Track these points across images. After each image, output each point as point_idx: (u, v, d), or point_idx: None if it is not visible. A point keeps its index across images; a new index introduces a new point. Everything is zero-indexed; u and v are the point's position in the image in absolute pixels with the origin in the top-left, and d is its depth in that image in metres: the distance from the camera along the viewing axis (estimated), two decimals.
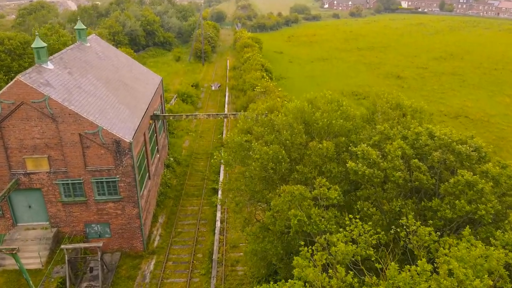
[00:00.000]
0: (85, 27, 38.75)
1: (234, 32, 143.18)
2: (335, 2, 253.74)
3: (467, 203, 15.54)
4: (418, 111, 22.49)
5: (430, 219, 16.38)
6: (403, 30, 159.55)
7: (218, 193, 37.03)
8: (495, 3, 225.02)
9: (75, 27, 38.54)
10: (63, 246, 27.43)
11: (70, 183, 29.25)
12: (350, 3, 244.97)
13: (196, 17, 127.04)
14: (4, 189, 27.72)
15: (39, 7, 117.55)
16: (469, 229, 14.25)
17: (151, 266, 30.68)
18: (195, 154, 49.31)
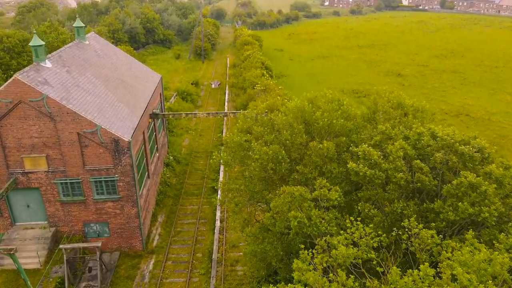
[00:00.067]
0: (84, 25, 38.46)
1: (234, 30, 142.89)
2: (336, 0, 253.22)
3: (470, 205, 15.28)
4: (420, 111, 22.24)
5: (432, 221, 16.14)
6: (404, 28, 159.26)
7: (218, 194, 36.75)
8: (496, 1, 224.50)
9: (74, 25, 38.26)
10: (62, 246, 27.24)
11: (69, 182, 29.05)
12: (351, 1, 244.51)
13: (196, 15, 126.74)
14: (2, 189, 27.49)
15: (39, 5, 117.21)
16: (472, 232, 14.01)
17: (150, 266, 30.50)
18: (195, 153, 49.08)
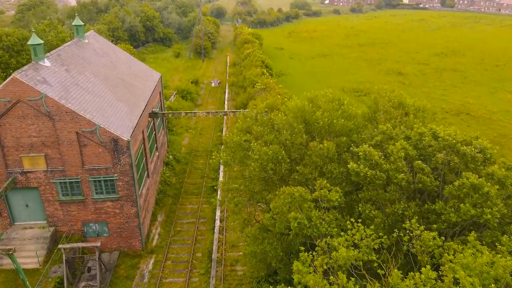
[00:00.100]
0: (83, 24, 38.27)
1: (234, 28, 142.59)
2: None
3: (472, 207, 15.11)
4: (421, 110, 22.06)
5: (434, 223, 15.97)
6: (404, 26, 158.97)
7: (218, 194, 36.52)
8: None
9: (73, 24, 38.05)
10: (61, 246, 27.11)
11: (68, 182, 28.91)
12: None
13: (196, 13, 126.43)
14: (1, 188, 27.38)
15: (39, 3, 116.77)
16: (475, 234, 13.84)
17: (150, 266, 30.37)
18: (195, 152, 48.91)
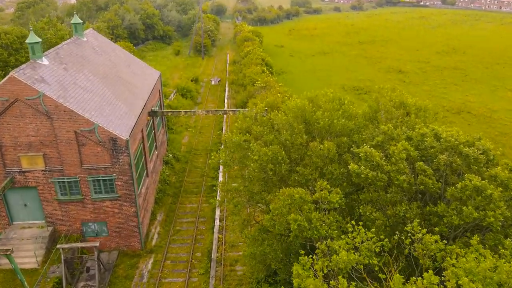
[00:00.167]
0: (82, 21, 37.99)
1: (235, 26, 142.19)
2: None
3: (475, 209, 14.88)
4: (423, 110, 21.83)
5: (436, 225, 15.75)
6: (405, 24, 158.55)
7: (217, 194, 36.24)
8: None
9: (72, 22, 37.75)
10: (59, 246, 26.94)
11: (66, 181, 28.73)
12: None
13: (196, 11, 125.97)
14: None
15: (38, 1, 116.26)
16: (478, 238, 13.62)
17: (149, 265, 30.23)
18: (194, 151, 48.73)
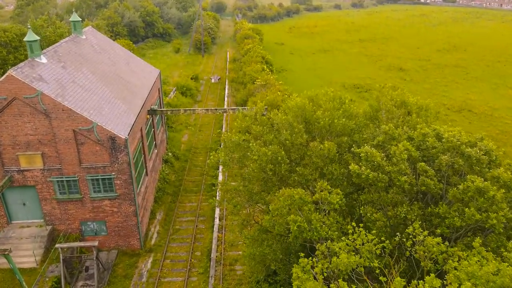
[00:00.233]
0: (80, 19, 37.74)
1: (235, 23, 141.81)
2: None
3: (477, 211, 14.67)
4: (424, 109, 21.60)
5: (437, 226, 15.55)
6: (406, 22, 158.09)
7: (217, 195, 35.97)
8: None
9: (70, 19, 37.51)
10: (58, 245, 26.79)
11: (65, 180, 28.58)
12: None
13: (196, 8, 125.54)
14: None
15: None
16: (480, 240, 13.42)
17: (148, 265, 30.10)
18: (194, 149, 48.54)
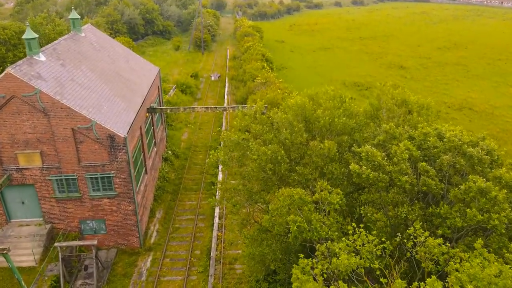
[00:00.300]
0: (79, 17, 37.54)
1: (235, 21, 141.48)
2: None
3: (479, 211, 14.51)
4: (425, 108, 21.43)
5: (438, 226, 15.40)
6: (406, 19, 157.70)
7: (217, 195, 35.77)
8: None
9: (69, 17, 37.31)
10: (57, 244, 26.68)
11: (64, 179, 28.45)
12: None
13: (196, 5, 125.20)
14: None
15: None
16: (482, 241, 13.27)
17: (148, 263, 30.02)
18: (194, 147, 48.40)
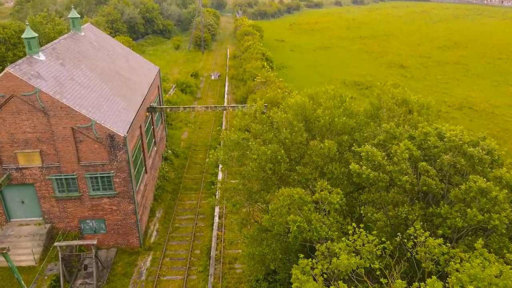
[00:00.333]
0: (79, 16, 37.47)
1: (235, 20, 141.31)
2: None
3: (479, 211, 14.48)
4: (425, 107, 21.38)
5: (439, 226, 15.36)
6: (406, 18, 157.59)
7: (217, 194, 35.76)
8: None
9: (69, 16, 37.24)
10: (56, 244, 26.65)
11: (64, 178, 28.42)
12: None
13: (196, 4, 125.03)
14: None
15: None
16: (482, 242, 13.24)
17: (148, 263, 29.99)
18: (194, 146, 48.36)
